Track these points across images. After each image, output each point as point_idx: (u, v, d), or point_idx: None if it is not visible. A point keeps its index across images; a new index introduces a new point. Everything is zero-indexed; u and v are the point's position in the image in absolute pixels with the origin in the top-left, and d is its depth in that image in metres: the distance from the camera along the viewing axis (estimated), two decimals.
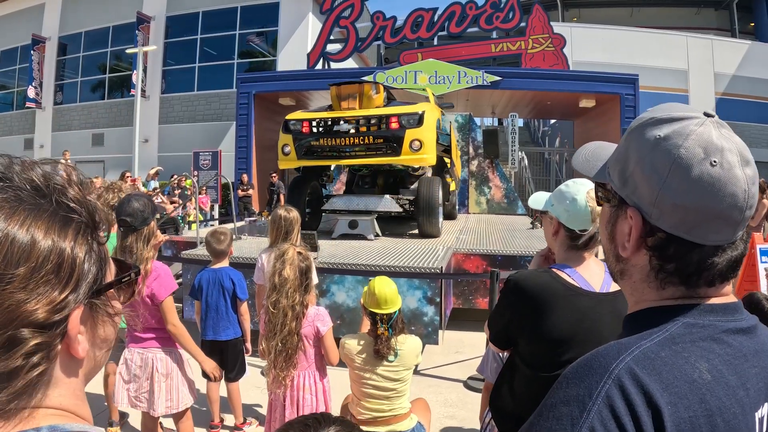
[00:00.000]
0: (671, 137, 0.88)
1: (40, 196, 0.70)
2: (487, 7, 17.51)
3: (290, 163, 7.73)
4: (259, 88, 15.52)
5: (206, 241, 4.39)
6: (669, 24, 30.22)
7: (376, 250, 7.28)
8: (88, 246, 0.72)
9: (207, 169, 16.17)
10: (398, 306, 3.19)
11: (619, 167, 0.97)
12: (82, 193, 0.75)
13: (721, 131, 0.88)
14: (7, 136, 28.53)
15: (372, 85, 7.27)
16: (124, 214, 3.16)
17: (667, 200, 0.88)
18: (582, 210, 1.97)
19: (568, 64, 17.53)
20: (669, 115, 0.91)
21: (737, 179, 0.86)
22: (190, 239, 9.09)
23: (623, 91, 14.76)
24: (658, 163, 0.89)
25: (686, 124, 0.89)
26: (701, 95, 25.16)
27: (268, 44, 23.85)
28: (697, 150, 0.86)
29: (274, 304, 3.03)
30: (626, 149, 0.95)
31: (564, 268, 1.98)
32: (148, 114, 23.42)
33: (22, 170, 0.71)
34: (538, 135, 30.44)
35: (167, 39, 24.74)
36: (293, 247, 3.16)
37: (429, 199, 8.39)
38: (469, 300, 7.36)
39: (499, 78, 14.25)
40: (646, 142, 0.91)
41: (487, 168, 14.11)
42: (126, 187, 4.12)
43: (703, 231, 0.88)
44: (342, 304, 6.09)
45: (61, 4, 27.19)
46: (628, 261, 0.98)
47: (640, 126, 0.94)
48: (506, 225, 11.09)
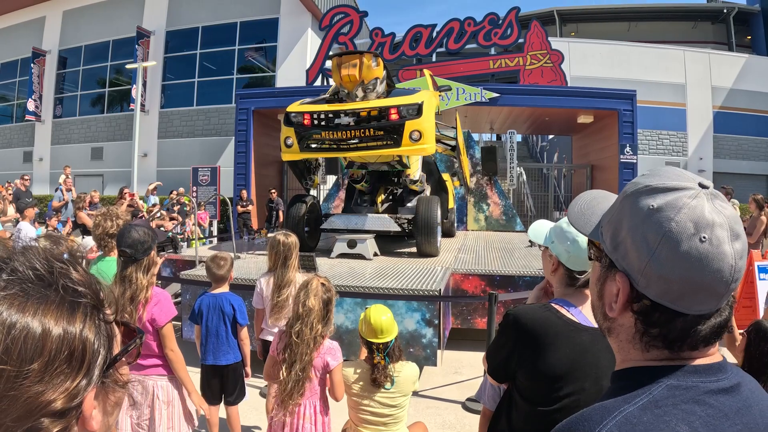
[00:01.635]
0: (664, 209, 0.89)
1: (46, 286, 0.70)
2: (485, 24, 17.59)
3: (293, 155, 7.74)
4: (258, 105, 15.54)
5: (206, 266, 4.37)
6: (666, 38, 30.40)
7: (375, 271, 7.26)
8: (96, 328, 0.73)
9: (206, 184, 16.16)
10: (394, 334, 3.21)
11: (612, 230, 0.98)
12: (86, 272, 0.76)
13: (714, 203, 0.89)
14: (7, 148, 28.61)
15: (372, 56, 7.29)
16: (124, 245, 3.19)
17: (655, 271, 0.89)
18: (582, 252, 1.96)
19: (566, 79, 17.60)
20: (664, 184, 0.92)
21: (725, 255, 0.87)
22: (189, 258, 9.08)
23: (621, 106, 14.80)
24: (648, 234, 0.90)
25: (680, 196, 0.90)
26: (699, 109, 25.28)
27: (268, 60, 23.93)
28: (688, 225, 0.87)
29: (297, 334, 3.04)
30: (620, 214, 0.97)
31: (563, 304, 1.98)
32: (148, 128, 23.53)
33: (25, 260, 0.71)
34: (537, 150, 30.55)
35: (167, 54, 24.84)
36: (317, 278, 3.17)
37: (427, 218, 8.38)
38: (467, 320, 7.35)
39: (497, 95, 14.29)
40: (639, 211, 0.92)
41: (485, 185, 14.12)
42: (123, 213, 4.12)
43: (688, 302, 0.90)
44: (341, 325, 6.07)
45: (62, 18, 27.36)
46: (615, 320, 1.00)
47: (635, 193, 0.95)
48: (504, 243, 11.08)
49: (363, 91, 7.35)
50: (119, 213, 4.03)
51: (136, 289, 3.18)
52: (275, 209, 15.53)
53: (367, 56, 7.18)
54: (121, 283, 3.20)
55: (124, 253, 3.20)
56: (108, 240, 3.81)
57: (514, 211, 14.49)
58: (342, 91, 7.45)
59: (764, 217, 9.60)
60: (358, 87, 7.28)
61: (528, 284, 7.29)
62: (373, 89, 7.39)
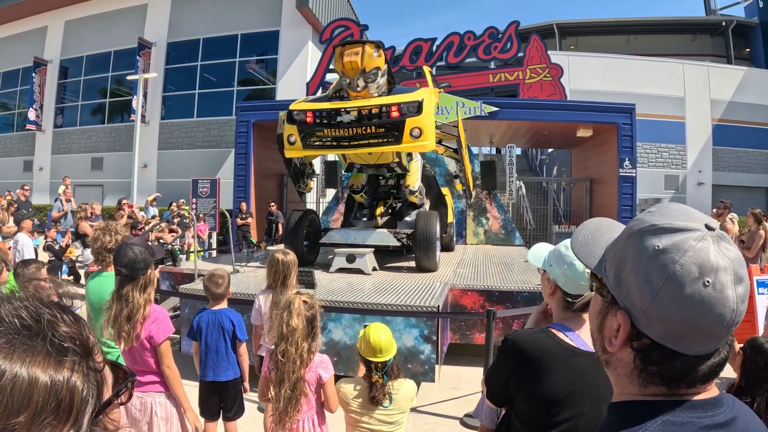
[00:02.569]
0: (669, 251, 0.89)
1: (33, 336, 0.70)
2: (485, 37, 17.67)
3: (296, 152, 7.78)
4: (259, 117, 15.56)
5: (204, 285, 4.40)
6: (665, 51, 30.51)
7: (374, 286, 7.26)
8: (84, 376, 0.72)
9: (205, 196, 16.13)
10: (393, 353, 3.23)
11: (615, 267, 0.98)
12: (74, 319, 0.76)
13: (719, 246, 0.90)
14: (7, 157, 28.67)
15: (374, 46, 7.35)
16: (120, 265, 3.21)
17: (657, 312, 0.90)
18: (579, 276, 1.98)
19: (565, 93, 17.67)
20: (670, 224, 0.92)
21: (727, 300, 0.88)
22: (188, 271, 9.08)
23: (620, 120, 14.82)
24: (652, 275, 0.90)
25: (686, 237, 0.90)
26: (698, 122, 25.34)
27: (268, 72, 24.00)
28: (693, 268, 0.88)
29: (283, 353, 3.06)
30: (624, 251, 0.97)
31: (561, 328, 1.99)
32: (148, 139, 23.60)
33: (11, 308, 0.71)
34: (536, 163, 30.56)
35: (168, 65, 24.92)
36: (299, 297, 3.18)
37: (426, 233, 8.39)
38: (466, 335, 7.33)
39: (496, 108, 14.32)
40: (644, 250, 0.92)
41: (484, 199, 14.13)
42: (122, 228, 4.13)
43: (688, 343, 0.90)
44: (339, 341, 6.08)
45: (64, 28, 27.51)
46: (613, 354, 1.00)
47: (640, 231, 0.95)
48: (503, 257, 11.07)
49: (364, 81, 7.37)
50: (118, 228, 4.04)
51: (133, 308, 3.20)
52: (275, 222, 15.54)
53: (369, 45, 7.26)
54: (117, 302, 3.23)
55: (121, 273, 3.22)
56: (106, 255, 3.83)
57: (514, 225, 14.47)
58: (344, 80, 7.48)
59: (763, 231, 9.60)
60: (359, 76, 7.30)
61: (527, 300, 7.29)
62: (374, 79, 7.42)
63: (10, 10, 27.98)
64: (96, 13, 26.52)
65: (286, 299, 3.23)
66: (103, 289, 3.65)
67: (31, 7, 27.49)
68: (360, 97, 7.45)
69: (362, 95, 7.46)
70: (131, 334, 3.21)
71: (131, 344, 3.25)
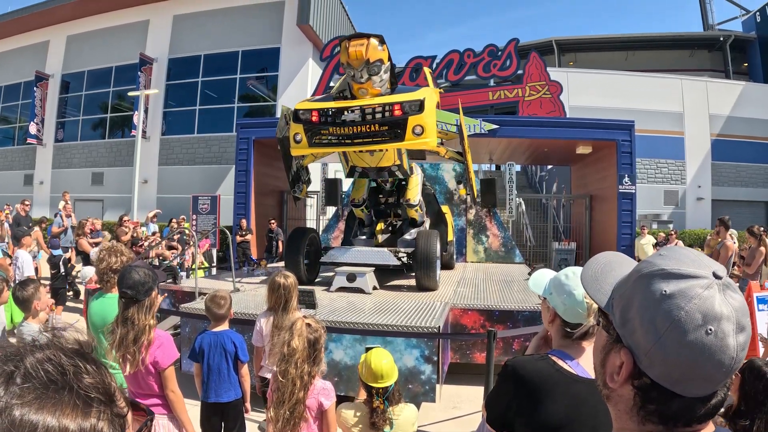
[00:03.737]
0: (675, 297, 0.92)
1: (60, 389, 0.73)
2: (484, 55, 17.75)
3: (302, 150, 7.92)
4: (259, 134, 15.59)
5: (206, 306, 4.44)
6: (664, 66, 30.67)
7: (374, 306, 7.29)
8: (109, 423, 0.76)
9: (206, 213, 16.22)
10: (394, 379, 3.24)
11: (622, 306, 1.01)
12: (96, 370, 0.79)
13: (725, 295, 0.92)
14: (8, 170, 28.69)
15: (378, 39, 7.47)
16: (124, 287, 3.25)
17: (659, 355, 0.93)
18: (579, 305, 2.00)
19: (564, 110, 17.72)
20: (678, 270, 0.94)
21: (727, 348, 0.90)
22: (188, 289, 9.09)
23: (619, 137, 14.88)
24: (657, 319, 0.93)
25: (693, 285, 0.92)
26: (697, 137, 25.41)
27: (269, 88, 24.07)
28: (697, 316, 0.90)
29: (283, 374, 3.06)
30: (632, 292, 0.99)
31: (561, 356, 2.00)
32: (148, 155, 23.61)
33: (36, 362, 0.74)
34: (536, 180, 30.59)
35: (169, 81, 25.00)
36: (302, 319, 3.19)
37: (427, 253, 8.44)
38: (466, 355, 7.36)
39: (496, 126, 14.37)
40: (651, 294, 0.95)
41: (484, 216, 14.18)
42: (127, 250, 4.15)
43: (686, 386, 0.93)
44: (340, 361, 6.09)
45: (66, 43, 27.62)
46: (614, 390, 1.03)
47: (649, 275, 0.97)
48: (504, 275, 11.10)
49: (368, 72, 7.48)
50: (123, 249, 4.07)
51: (139, 330, 3.24)
52: (275, 239, 15.55)
53: (373, 37, 7.42)
54: (123, 325, 3.26)
55: (125, 294, 3.26)
56: (111, 275, 3.87)
57: (514, 242, 14.51)
58: (348, 71, 7.61)
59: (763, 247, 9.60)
60: (364, 66, 7.41)
61: (527, 319, 7.32)
62: (377, 72, 7.53)
63: (13, 24, 28.14)
64: (98, 28, 26.64)
65: (290, 320, 3.24)
66: (107, 311, 3.68)
67: (34, 22, 27.63)
68: (363, 89, 7.61)
69: (366, 87, 7.61)
70: (137, 357, 3.24)
71: (136, 368, 3.27)
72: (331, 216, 16.28)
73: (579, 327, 2.04)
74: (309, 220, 19.95)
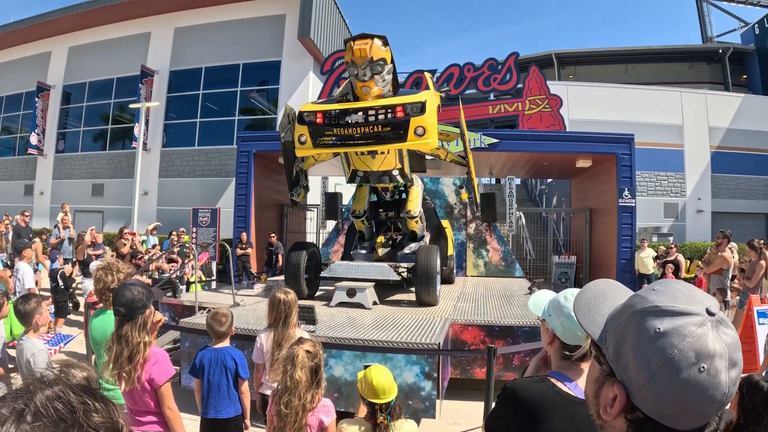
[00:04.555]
0: (669, 335, 0.93)
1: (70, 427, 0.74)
2: (484, 69, 17.85)
3: (307, 151, 8.05)
4: (259, 148, 15.63)
5: (207, 324, 4.48)
6: (663, 79, 30.79)
7: (374, 321, 7.30)
8: None
9: (206, 226, 16.23)
10: (395, 394, 3.28)
11: (615, 341, 1.02)
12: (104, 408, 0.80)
13: (718, 332, 0.94)
14: (8, 180, 28.71)
15: (381, 39, 7.62)
16: (118, 305, 3.27)
17: (653, 391, 0.94)
18: (577, 328, 1.98)
19: (564, 124, 17.79)
20: (672, 307, 0.96)
21: (720, 384, 0.92)
22: (188, 303, 9.09)
23: (619, 150, 14.92)
24: (651, 356, 0.94)
25: (686, 322, 0.94)
26: (697, 149, 25.45)
27: (269, 101, 24.10)
28: (690, 354, 0.91)
29: (286, 404, 3.07)
30: (626, 328, 1.00)
31: (560, 377, 2.00)
32: (149, 167, 23.63)
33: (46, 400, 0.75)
34: (536, 193, 30.64)
35: (170, 93, 25.03)
36: (302, 348, 3.20)
37: (427, 268, 8.48)
38: (466, 370, 7.36)
39: (496, 140, 14.42)
40: (645, 331, 0.96)
41: (484, 231, 14.20)
42: (124, 266, 4.15)
43: (678, 421, 0.95)
44: (340, 377, 6.09)
45: (67, 54, 27.71)
46: (607, 422, 1.04)
47: (643, 311, 0.98)
48: (504, 289, 11.11)
49: (371, 71, 7.61)
50: (120, 267, 4.07)
51: (133, 348, 3.24)
52: (275, 253, 15.55)
53: (377, 37, 7.58)
54: (117, 342, 3.27)
55: (119, 312, 3.27)
56: (109, 294, 3.88)
57: (514, 257, 14.52)
58: (352, 70, 7.72)
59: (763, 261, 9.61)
60: (367, 64, 7.54)
61: (527, 334, 7.32)
62: (380, 71, 7.67)
63: (15, 35, 28.27)
64: (100, 40, 26.74)
65: (289, 350, 3.24)
66: (108, 327, 3.69)
67: (36, 33, 27.75)
68: (366, 87, 7.73)
69: (368, 85, 7.72)
70: (132, 375, 3.25)
71: (132, 385, 3.28)
72: (332, 230, 16.29)
73: (578, 349, 2.05)
74: (309, 233, 19.95)
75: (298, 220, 19.37)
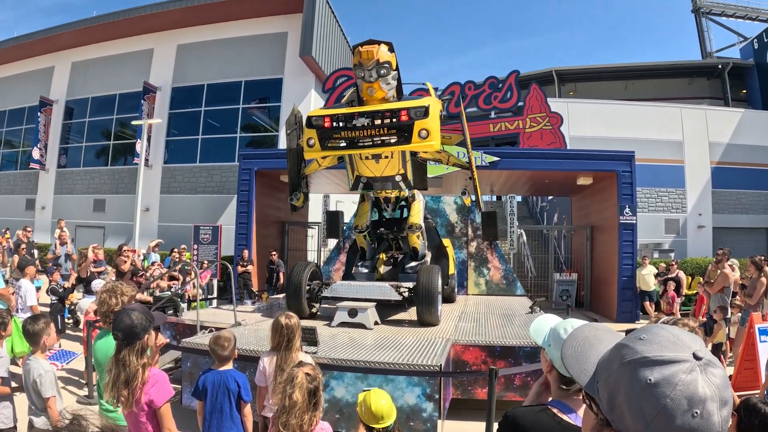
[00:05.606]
0: (660, 385, 0.96)
1: None
2: (485, 87, 17.95)
3: (315, 153, 8.24)
4: (261, 165, 15.69)
5: (210, 347, 4.49)
6: (663, 95, 30.93)
7: (375, 342, 7.29)
8: None
9: (207, 243, 16.24)
10: (394, 418, 3.31)
11: (608, 393, 1.05)
12: None
13: (706, 374, 0.97)
14: (10, 194, 28.77)
15: (387, 44, 7.87)
16: (116, 329, 3.28)
17: None
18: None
19: (565, 141, 17.85)
20: (660, 356, 0.98)
21: (713, 425, 0.95)
22: (189, 322, 9.08)
23: (620, 168, 14.97)
24: (645, 407, 0.97)
25: (675, 370, 0.96)
26: (697, 165, 25.49)
27: (271, 119, 24.18)
28: (683, 401, 0.95)
29: (284, 425, 3.08)
30: (617, 380, 1.03)
31: (560, 407, 2.02)
32: (150, 183, 23.68)
33: None
34: (537, 210, 30.63)
35: (172, 109, 25.08)
36: (302, 370, 3.21)
37: (428, 288, 8.50)
38: (468, 391, 7.33)
39: (497, 158, 14.48)
40: (637, 382, 0.99)
41: (485, 249, 14.21)
42: (128, 290, 4.17)
43: None
44: (341, 398, 6.08)
45: (70, 69, 27.85)
46: None
47: (633, 363, 1.01)
48: (505, 308, 11.10)
49: (377, 73, 7.83)
50: (124, 289, 4.09)
51: (130, 373, 3.25)
52: (276, 271, 15.56)
53: (383, 44, 7.85)
54: (116, 366, 3.28)
55: (117, 337, 3.28)
56: (113, 317, 3.90)
57: (515, 275, 14.51)
58: (359, 72, 7.93)
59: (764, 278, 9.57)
60: (374, 66, 7.77)
61: (528, 354, 7.31)
62: (385, 74, 7.89)
63: (18, 50, 28.48)
64: (102, 56, 26.88)
65: (289, 372, 3.27)
66: (110, 350, 3.69)
67: (39, 48, 27.95)
68: (372, 88, 7.94)
69: (374, 86, 7.92)
70: (130, 398, 3.25)
71: (131, 408, 3.29)
72: (333, 248, 16.32)
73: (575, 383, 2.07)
74: (310, 250, 19.95)
75: (300, 238, 19.38)
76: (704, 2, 37.93)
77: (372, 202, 10.13)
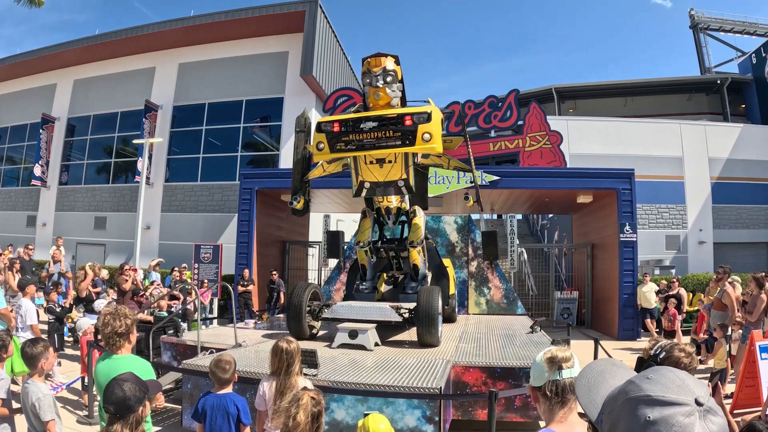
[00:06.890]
0: (658, 423, 0.98)
1: None
2: (485, 106, 18.02)
3: (324, 156, 8.64)
4: (262, 185, 15.76)
5: (211, 371, 4.53)
6: (663, 111, 31.04)
7: (375, 363, 7.29)
8: None
9: (208, 262, 16.25)
10: None
11: (610, 424, 1.08)
12: None
13: (705, 421, 0.98)
14: (11, 211, 28.79)
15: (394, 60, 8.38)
16: (108, 402, 3.08)
17: None
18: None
19: (565, 159, 17.90)
20: (663, 397, 1.01)
21: None
22: (190, 342, 9.07)
23: (620, 186, 15.02)
24: None
25: (675, 412, 0.98)
26: (697, 181, 25.53)
27: (272, 137, 24.25)
28: None
29: None
30: (619, 413, 1.06)
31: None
32: (151, 201, 23.69)
33: None
34: (537, 228, 30.69)
35: (173, 128, 25.15)
36: (308, 393, 3.24)
37: (428, 310, 8.52)
38: (468, 412, 7.32)
39: (497, 177, 14.53)
40: (637, 419, 1.01)
41: (486, 269, 14.21)
42: (130, 312, 4.19)
43: None
44: (341, 421, 6.07)
45: (72, 87, 27.98)
46: None
47: (636, 399, 1.04)
48: (506, 328, 11.09)
49: (384, 79, 8.30)
50: (126, 312, 4.10)
51: None
52: (276, 290, 15.55)
53: (390, 56, 8.41)
54: None
55: (109, 411, 3.09)
56: (116, 339, 3.93)
57: (515, 294, 14.49)
58: (366, 79, 8.41)
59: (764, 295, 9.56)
60: (381, 72, 8.28)
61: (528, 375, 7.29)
62: (392, 82, 8.35)
63: (21, 66, 28.61)
64: (104, 74, 27.03)
65: (294, 393, 3.29)
66: (113, 373, 3.64)
67: (41, 65, 28.09)
68: (378, 93, 8.32)
69: (381, 91, 8.31)
70: None
71: None
72: (334, 267, 16.35)
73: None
74: (311, 270, 19.94)
75: (300, 258, 19.38)
76: (702, 18, 38.17)
77: (373, 218, 10.31)
